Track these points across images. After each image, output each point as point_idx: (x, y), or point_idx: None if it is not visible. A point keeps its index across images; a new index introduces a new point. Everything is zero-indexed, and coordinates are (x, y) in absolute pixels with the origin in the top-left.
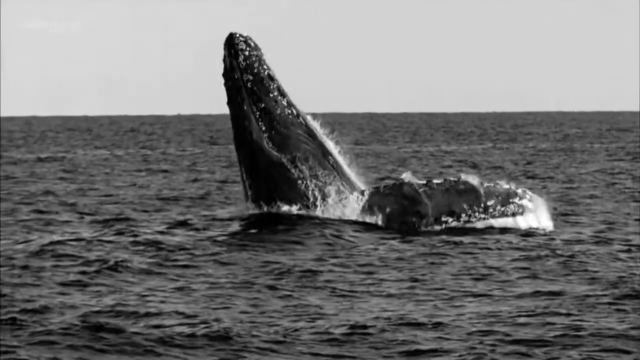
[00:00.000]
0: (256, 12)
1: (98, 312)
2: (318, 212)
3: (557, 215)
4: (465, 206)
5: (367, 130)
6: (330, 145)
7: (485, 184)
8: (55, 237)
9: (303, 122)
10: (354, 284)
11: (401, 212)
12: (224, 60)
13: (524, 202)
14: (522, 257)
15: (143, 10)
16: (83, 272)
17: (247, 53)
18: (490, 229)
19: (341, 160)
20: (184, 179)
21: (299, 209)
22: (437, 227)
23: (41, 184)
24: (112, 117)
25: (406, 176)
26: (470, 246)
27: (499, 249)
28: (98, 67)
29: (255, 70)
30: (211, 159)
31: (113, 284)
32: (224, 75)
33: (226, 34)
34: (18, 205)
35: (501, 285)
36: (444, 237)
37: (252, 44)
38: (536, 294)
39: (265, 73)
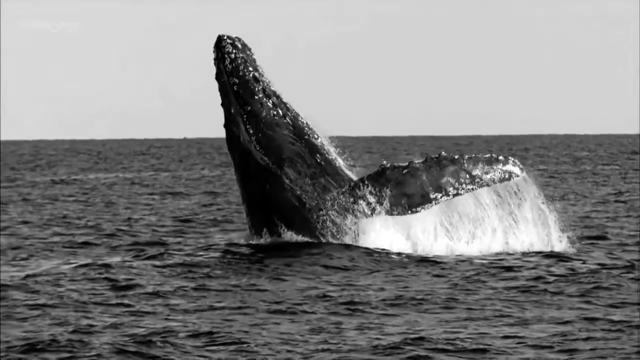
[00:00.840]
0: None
1: (137, 334)
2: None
3: (580, 239)
4: (451, 179)
5: (377, 153)
6: (321, 141)
7: (466, 156)
8: (84, 261)
9: (290, 122)
10: (384, 305)
11: (389, 197)
12: (214, 64)
13: (509, 167)
14: (545, 280)
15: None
16: (122, 296)
17: (233, 56)
18: (510, 251)
19: (333, 155)
20: (199, 202)
21: (302, 236)
22: (427, 205)
23: (60, 206)
24: (119, 141)
25: (386, 162)
26: (484, 266)
27: (520, 271)
28: (99, 95)
29: (241, 73)
30: (228, 181)
31: (149, 308)
32: (215, 78)
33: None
34: (44, 227)
35: (532, 308)
36: (463, 260)
37: (240, 46)
38: (563, 318)
39: (251, 75)
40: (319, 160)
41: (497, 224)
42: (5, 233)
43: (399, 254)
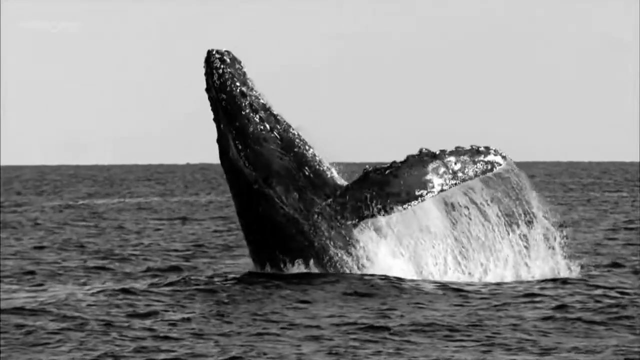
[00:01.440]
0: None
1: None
2: (305, 229)
3: (596, 266)
4: (434, 175)
5: None
6: (312, 152)
7: (448, 150)
8: (102, 286)
9: (277, 136)
10: (404, 332)
11: (376, 200)
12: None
13: (491, 157)
14: (569, 307)
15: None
16: (144, 321)
17: (220, 71)
18: (525, 279)
19: (324, 165)
20: (209, 227)
21: (305, 267)
22: (414, 203)
23: (70, 231)
24: (121, 166)
25: (369, 166)
26: (504, 294)
27: (541, 298)
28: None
29: (228, 89)
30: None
31: (173, 334)
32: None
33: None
34: (57, 251)
35: (558, 336)
36: (480, 289)
37: (228, 60)
38: (594, 347)
39: (237, 90)
40: (307, 173)
41: (509, 252)
42: (17, 257)
43: (415, 281)
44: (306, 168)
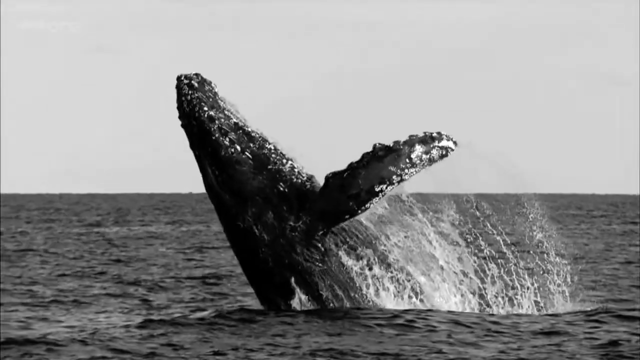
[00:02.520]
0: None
1: None
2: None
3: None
4: (391, 168)
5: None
6: (290, 164)
7: (402, 140)
8: (137, 318)
9: (249, 156)
10: None
11: (338, 205)
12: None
13: (444, 143)
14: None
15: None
16: (183, 353)
17: (189, 97)
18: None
19: (304, 177)
20: (231, 257)
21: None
22: (376, 200)
23: (90, 258)
24: (126, 195)
25: (329, 173)
26: (526, 330)
27: (574, 334)
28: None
29: (197, 114)
30: None
31: None
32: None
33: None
34: (81, 278)
35: None
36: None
37: (196, 84)
38: None
39: (206, 115)
40: (282, 188)
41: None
42: (43, 284)
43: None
44: (280, 184)
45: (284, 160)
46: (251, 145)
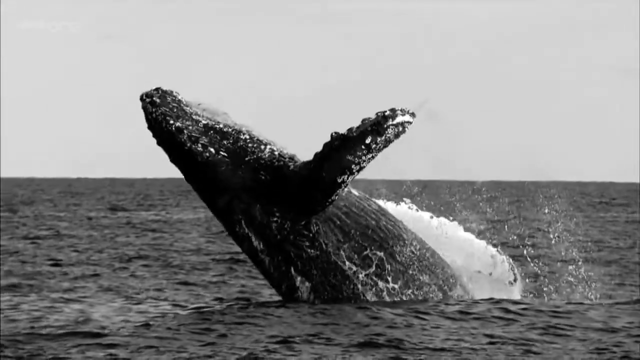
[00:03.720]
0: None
1: None
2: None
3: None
4: (349, 157)
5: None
6: (268, 150)
7: (354, 127)
8: (186, 306)
9: (224, 154)
10: None
11: (308, 199)
12: None
13: (399, 119)
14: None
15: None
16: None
17: (154, 115)
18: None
19: (284, 160)
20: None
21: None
22: (339, 190)
23: (121, 242)
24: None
25: (294, 167)
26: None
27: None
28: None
29: (165, 130)
30: None
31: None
32: None
33: None
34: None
35: None
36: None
37: (158, 100)
38: None
39: (173, 128)
40: (264, 177)
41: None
42: (79, 267)
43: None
44: (261, 172)
45: (262, 147)
46: (224, 142)
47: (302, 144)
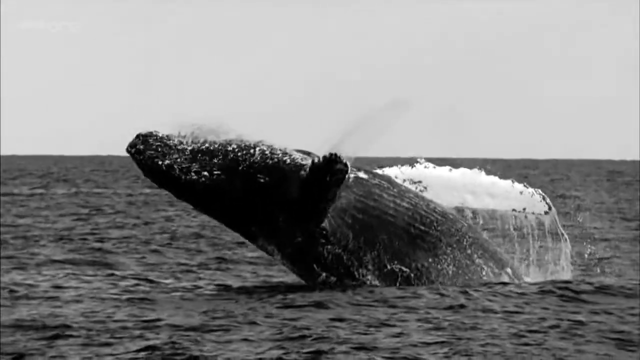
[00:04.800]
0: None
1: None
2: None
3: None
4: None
5: None
6: (258, 151)
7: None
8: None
9: (219, 173)
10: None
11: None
12: None
13: (338, 166)
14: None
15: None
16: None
17: (143, 162)
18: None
19: (277, 156)
20: None
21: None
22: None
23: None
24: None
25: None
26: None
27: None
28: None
29: (158, 171)
30: None
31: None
32: None
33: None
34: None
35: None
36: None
37: (142, 146)
38: None
39: (164, 167)
40: (262, 180)
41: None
42: (100, 243)
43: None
44: (259, 175)
45: (252, 151)
46: (215, 160)
47: (301, 144)
